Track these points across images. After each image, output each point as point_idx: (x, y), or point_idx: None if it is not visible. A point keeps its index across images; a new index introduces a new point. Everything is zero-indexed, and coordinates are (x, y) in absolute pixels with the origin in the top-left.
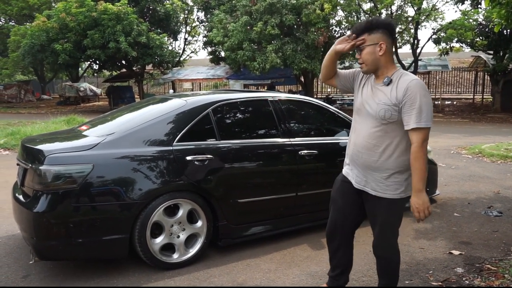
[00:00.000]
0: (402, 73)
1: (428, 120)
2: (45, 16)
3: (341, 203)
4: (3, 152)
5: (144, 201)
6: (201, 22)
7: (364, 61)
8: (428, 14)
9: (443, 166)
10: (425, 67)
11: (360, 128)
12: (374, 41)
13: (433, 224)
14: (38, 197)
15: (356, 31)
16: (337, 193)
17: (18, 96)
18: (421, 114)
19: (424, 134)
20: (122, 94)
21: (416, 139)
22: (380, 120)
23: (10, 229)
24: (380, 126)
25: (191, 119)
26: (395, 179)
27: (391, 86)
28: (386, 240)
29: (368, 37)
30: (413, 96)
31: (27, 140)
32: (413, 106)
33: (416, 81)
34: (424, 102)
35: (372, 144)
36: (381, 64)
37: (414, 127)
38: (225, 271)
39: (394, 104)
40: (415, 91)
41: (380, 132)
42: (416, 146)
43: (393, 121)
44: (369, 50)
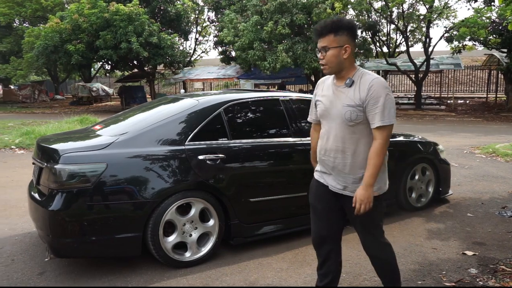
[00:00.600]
0: (363, 73)
1: (391, 117)
2: (58, 17)
3: (321, 208)
4: (18, 151)
5: (157, 200)
6: (211, 22)
7: (328, 63)
8: (440, 12)
9: (456, 166)
10: (437, 65)
11: (328, 133)
12: (339, 44)
13: (446, 224)
14: (53, 196)
15: (322, 30)
16: (315, 198)
17: (32, 96)
18: (384, 112)
19: (388, 131)
20: (133, 94)
21: (380, 136)
22: (346, 122)
23: (26, 227)
24: (347, 128)
25: (203, 118)
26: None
27: (353, 87)
28: (372, 236)
29: (333, 38)
30: (375, 95)
31: (43, 139)
32: (376, 105)
33: (377, 80)
34: (386, 99)
35: (342, 147)
36: (345, 66)
37: (379, 125)
38: (237, 270)
39: (359, 105)
40: (378, 89)
41: (349, 135)
42: (379, 143)
43: (360, 122)
44: (334, 53)
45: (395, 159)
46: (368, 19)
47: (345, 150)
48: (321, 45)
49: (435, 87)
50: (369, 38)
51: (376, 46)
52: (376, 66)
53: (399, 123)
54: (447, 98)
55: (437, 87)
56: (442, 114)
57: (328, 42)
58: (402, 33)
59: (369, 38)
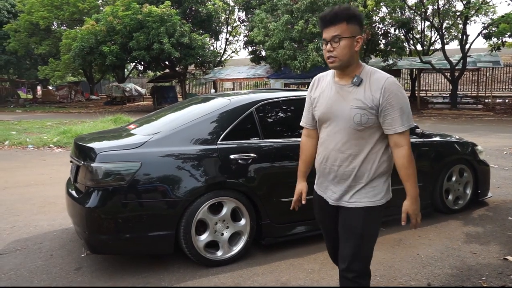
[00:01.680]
0: (371, 71)
1: (410, 119)
2: (94, 19)
3: (329, 223)
4: (56, 149)
5: (189, 198)
6: (242, 22)
7: (339, 55)
8: (478, 8)
9: (496, 168)
10: (474, 63)
11: (331, 139)
12: (353, 34)
13: (486, 228)
14: (90, 193)
15: (332, 18)
16: (320, 213)
17: (68, 97)
18: (404, 115)
19: (408, 135)
20: (165, 94)
21: (404, 142)
22: (355, 126)
23: (64, 223)
24: (355, 132)
25: (235, 118)
26: (374, 185)
27: (363, 87)
28: (359, 255)
29: (347, 27)
30: (393, 97)
31: (80, 138)
32: (394, 108)
33: (391, 80)
34: (404, 102)
35: (349, 154)
36: (354, 61)
37: (402, 130)
38: (268, 270)
39: (371, 107)
40: (395, 91)
41: (356, 140)
42: (406, 149)
43: (369, 126)
44: (347, 43)
45: (430, 159)
46: (402, 16)
47: (352, 156)
48: (331, 34)
49: (471, 86)
50: (403, 36)
51: (410, 44)
52: (409, 64)
53: (434, 122)
54: (485, 97)
55: (474, 85)
56: (479, 113)
57: (341, 31)
58: (437, 30)
59: (402, 36)
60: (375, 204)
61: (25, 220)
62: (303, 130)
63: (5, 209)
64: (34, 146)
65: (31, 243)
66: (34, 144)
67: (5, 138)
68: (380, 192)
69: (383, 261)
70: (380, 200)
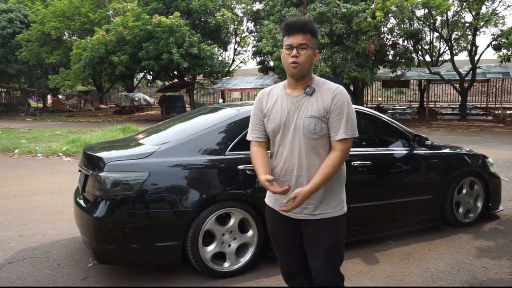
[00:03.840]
0: (322, 81)
1: (354, 129)
2: (104, 30)
3: (283, 236)
4: (65, 158)
5: (197, 209)
6: (250, 33)
7: (302, 62)
8: (488, 20)
9: (507, 180)
10: (484, 74)
11: (287, 150)
12: (314, 47)
13: (497, 242)
14: (98, 203)
15: (302, 27)
16: (274, 227)
17: (78, 106)
18: (348, 123)
19: (349, 144)
20: (173, 103)
21: (340, 148)
22: (310, 135)
23: (71, 232)
24: (311, 142)
25: (243, 128)
26: (334, 195)
27: (315, 96)
28: (333, 265)
29: (311, 39)
30: (340, 105)
31: (88, 147)
32: (340, 116)
33: (340, 89)
34: (350, 111)
35: (307, 163)
36: (310, 72)
37: (343, 137)
38: (276, 282)
39: (323, 115)
40: (342, 99)
41: (312, 149)
42: (338, 154)
43: (323, 134)
44: (311, 53)
45: (440, 172)
46: (410, 27)
47: (309, 166)
48: (298, 41)
49: (481, 97)
50: (411, 46)
51: (418, 55)
52: (418, 75)
53: (443, 134)
54: (495, 109)
55: (483, 97)
56: (489, 125)
57: (308, 41)
58: (446, 42)
59: (411, 47)
60: (337, 214)
61: (33, 229)
62: (251, 145)
63: (13, 217)
64: (43, 155)
65: (38, 252)
66: (44, 152)
67: (15, 146)
68: (341, 202)
69: (392, 274)
70: (342, 209)
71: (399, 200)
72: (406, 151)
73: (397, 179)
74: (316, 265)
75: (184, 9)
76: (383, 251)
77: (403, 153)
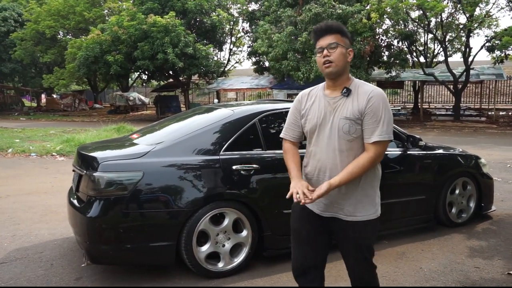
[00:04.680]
0: (360, 83)
1: (389, 132)
2: (99, 29)
3: (306, 233)
4: (59, 158)
5: (191, 209)
6: (246, 33)
7: (335, 60)
8: (482, 21)
9: (499, 181)
10: (477, 76)
11: (322, 151)
12: (346, 45)
13: (489, 242)
14: (92, 203)
15: (328, 29)
16: (299, 222)
17: (72, 105)
18: (383, 126)
19: (383, 147)
20: (168, 103)
21: (374, 151)
22: (345, 136)
23: (65, 232)
24: (346, 144)
25: (238, 128)
26: (368, 198)
27: (351, 98)
28: (369, 265)
29: (341, 38)
30: (375, 108)
31: (82, 147)
32: (374, 118)
33: (377, 91)
34: (386, 113)
35: (341, 164)
36: (345, 71)
37: (377, 140)
38: (270, 282)
39: (357, 118)
40: (378, 102)
41: (348, 151)
42: (370, 156)
43: (358, 136)
44: (342, 51)
45: (434, 172)
46: (405, 28)
47: (343, 167)
48: (327, 42)
49: (474, 98)
50: (406, 48)
51: (413, 56)
52: (412, 76)
53: (437, 134)
54: (488, 110)
55: (477, 98)
56: (482, 126)
57: (337, 39)
58: (440, 43)
59: (406, 48)
60: (370, 217)
61: (26, 228)
62: (283, 142)
63: (6, 217)
64: (37, 154)
65: (31, 252)
66: (37, 152)
67: (8, 145)
68: (374, 205)
69: (386, 274)
70: (375, 213)
71: (393, 201)
72: (400, 151)
73: (391, 179)
74: (350, 264)
75: (180, 9)
76: (376, 251)
77: (397, 154)
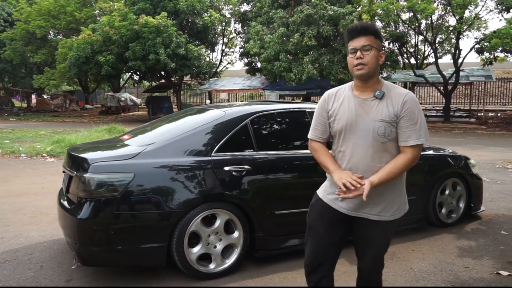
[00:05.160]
0: (391, 86)
1: (426, 135)
2: (91, 29)
3: (323, 230)
4: (49, 159)
5: (183, 210)
6: (238, 34)
7: (368, 63)
8: (471, 23)
9: (488, 181)
10: (467, 77)
11: (353, 151)
12: (379, 47)
13: (479, 242)
14: (82, 204)
15: (362, 30)
16: (317, 219)
17: (63, 106)
18: (421, 130)
19: (420, 149)
20: (160, 104)
21: (412, 153)
22: (379, 138)
23: (55, 234)
24: (378, 145)
25: (229, 129)
26: (400, 198)
27: (385, 100)
28: (379, 264)
29: (375, 40)
30: (411, 111)
31: (73, 148)
32: (411, 121)
33: (411, 95)
34: (422, 117)
35: (373, 165)
36: (376, 73)
37: (415, 143)
38: (261, 283)
39: (393, 120)
40: (413, 105)
41: (380, 152)
42: (409, 158)
43: (392, 138)
44: (375, 53)
45: (424, 173)
46: (396, 30)
47: (376, 169)
48: (361, 43)
49: (464, 100)
50: (396, 49)
51: (404, 57)
52: (403, 77)
53: None
54: (477, 111)
55: (467, 99)
56: (472, 127)
57: (371, 42)
58: (430, 45)
59: (396, 50)
60: (391, 218)
61: (15, 230)
62: (311, 142)
63: None
64: (27, 155)
65: (21, 254)
66: (27, 153)
67: None
68: (400, 205)
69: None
70: (396, 214)
71: None
72: None
73: None
74: (363, 263)
75: (171, 9)
76: None
77: None
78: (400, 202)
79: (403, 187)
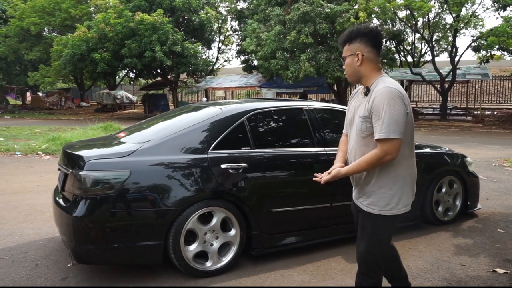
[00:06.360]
0: (379, 81)
1: (390, 131)
2: (86, 26)
3: (356, 218)
4: (45, 156)
5: (179, 208)
6: (234, 31)
7: (346, 72)
8: (468, 21)
9: (484, 179)
10: (464, 75)
11: (350, 145)
12: (352, 52)
13: (475, 240)
14: (78, 202)
15: (341, 41)
16: (354, 212)
17: (59, 103)
18: (383, 124)
19: (390, 144)
20: (156, 101)
21: (380, 148)
22: (360, 133)
23: (50, 232)
24: (362, 140)
25: (226, 127)
26: (383, 194)
27: (368, 97)
28: (371, 258)
29: (347, 47)
30: (377, 106)
31: (68, 146)
32: (377, 117)
33: (384, 89)
34: (387, 111)
35: (357, 158)
36: (361, 74)
37: (377, 138)
38: (258, 281)
39: (367, 116)
40: (380, 100)
41: (363, 147)
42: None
43: (370, 133)
44: (348, 61)
45: (420, 171)
46: (393, 28)
47: None
48: (343, 55)
49: (461, 98)
50: (393, 47)
51: (400, 55)
52: (400, 75)
53: (424, 133)
54: (474, 109)
55: (463, 97)
56: (468, 125)
57: (344, 52)
58: (427, 43)
59: (393, 48)
60: (383, 213)
61: (10, 228)
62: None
63: None
64: (22, 153)
65: (16, 252)
66: (22, 151)
67: None
68: (389, 202)
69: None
70: (390, 210)
71: None
72: None
73: None
74: (357, 253)
75: (168, 6)
76: None
77: None
78: (389, 200)
79: (392, 185)
